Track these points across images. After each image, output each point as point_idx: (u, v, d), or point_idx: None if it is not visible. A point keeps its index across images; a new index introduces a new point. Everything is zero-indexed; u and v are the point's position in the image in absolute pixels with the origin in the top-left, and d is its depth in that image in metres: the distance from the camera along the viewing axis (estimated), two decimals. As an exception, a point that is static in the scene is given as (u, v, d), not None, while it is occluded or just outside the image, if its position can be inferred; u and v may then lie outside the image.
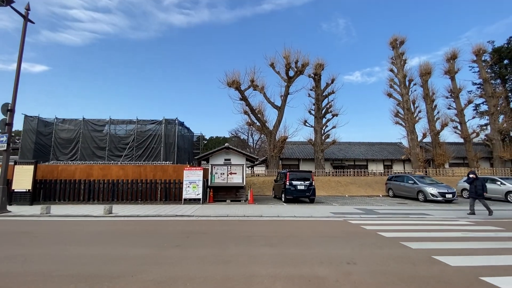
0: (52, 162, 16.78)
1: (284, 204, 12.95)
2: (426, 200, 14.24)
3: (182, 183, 12.80)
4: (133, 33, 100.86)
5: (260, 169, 30.58)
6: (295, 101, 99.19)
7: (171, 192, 12.91)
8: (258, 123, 23.77)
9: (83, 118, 18.52)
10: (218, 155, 13.90)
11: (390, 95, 27.77)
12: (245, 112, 23.96)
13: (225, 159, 13.91)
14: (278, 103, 23.72)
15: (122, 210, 10.50)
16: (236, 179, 13.80)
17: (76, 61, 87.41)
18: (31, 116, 17.86)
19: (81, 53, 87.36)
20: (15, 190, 12.15)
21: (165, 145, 18.73)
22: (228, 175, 13.81)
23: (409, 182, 15.71)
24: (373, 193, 18.71)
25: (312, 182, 13.31)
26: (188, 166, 13.03)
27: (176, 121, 19.13)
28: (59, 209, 10.55)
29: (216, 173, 13.84)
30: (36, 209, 10.34)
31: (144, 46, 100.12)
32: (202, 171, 12.84)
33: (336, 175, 22.18)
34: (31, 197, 12.10)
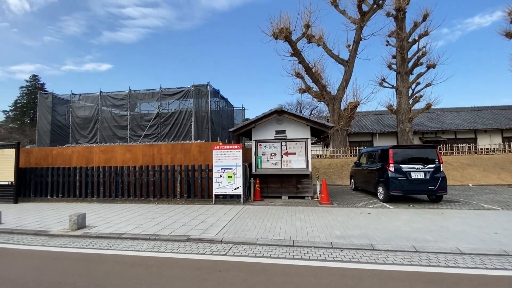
0: (67, 145, 13.93)
1: (388, 205, 7.24)
2: None
3: (211, 170, 8.09)
4: (180, 23, 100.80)
5: (316, 149, 24.75)
6: (367, 53, 74.29)
7: (196, 185, 8.33)
8: (315, 88, 17.79)
9: (100, 92, 15.23)
10: (265, 126, 8.74)
11: (511, 36, 18.60)
12: (297, 75, 18.13)
13: (277, 132, 8.68)
14: (344, 55, 17.24)
15: (111, 217, 6.22)
16: (296, 162, 8.52)
17: (133, 57, 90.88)
18: (45, 93, 15.28)
19: (136, 49, 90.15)
20: (-3, 183, 9.01)
21: (196, 120, 14.38)
22: (282, 156, 8.61)
23: None
24: (515, 181, 11.54)
25: (439, 166, 7.23)
26: (220, 143, 8.25)
27: (208, 88, 14.53)
28: (22, 215, 6.78)
29: (263, 154, 8.77)
30: (11, 211, 6.80)
31: (189, 34, 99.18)
32: (240, 151, 7.88)
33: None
34: (15, 192, 8.81)
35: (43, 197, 9.24)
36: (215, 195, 7.95)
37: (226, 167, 7.91)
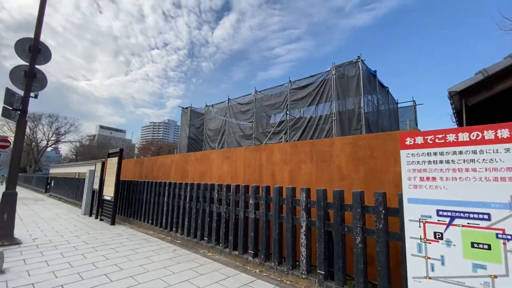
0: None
1: None
2: None
3: (397, 212, 2.61)
4: (319, 50, 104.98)
5: None
6: None
7: (348, 245, 3.07)
8: None
9: (228, 99, 13.51)
10: None
11: None
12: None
13: None
14: None
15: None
16: None
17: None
18: (186, 108, 15.47)
19: (282, 81, 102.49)
20: (104, 197, 7.76)
21: (340, 118, 9.23)
22: None
23: None
24: None
25: None
26: (419, 130, 2.71)
27: (359, 65, 9.09)
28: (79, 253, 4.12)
29: None
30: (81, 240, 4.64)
31: (329, 57, 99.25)
32: (534, 145, 1.96)
33: None
34: (112, 211, 7.12)
35: (139, 220, 7.10)
36: (417, 297, 2.36)
37: (462, 207, 2.20)
